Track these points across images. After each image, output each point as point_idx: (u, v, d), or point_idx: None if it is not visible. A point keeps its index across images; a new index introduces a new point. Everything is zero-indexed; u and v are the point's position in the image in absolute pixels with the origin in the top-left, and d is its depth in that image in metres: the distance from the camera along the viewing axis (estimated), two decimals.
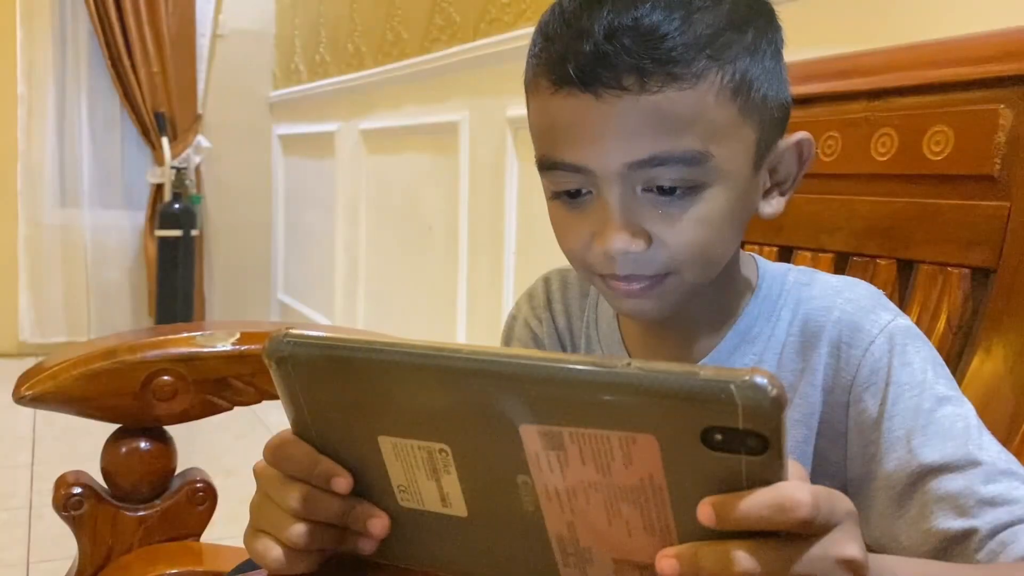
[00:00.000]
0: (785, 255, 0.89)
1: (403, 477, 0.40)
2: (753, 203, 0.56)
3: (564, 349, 0.69)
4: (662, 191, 0.51)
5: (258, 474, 0.43)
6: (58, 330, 3.53)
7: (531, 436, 0.35)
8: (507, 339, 0.72)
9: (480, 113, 2.12)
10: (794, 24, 0.61)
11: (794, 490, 0.33)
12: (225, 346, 0.97)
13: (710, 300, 0.59)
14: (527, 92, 0.56)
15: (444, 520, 0.40)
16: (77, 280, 3.60)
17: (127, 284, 3.70)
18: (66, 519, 0.91)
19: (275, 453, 0.42)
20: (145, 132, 3.57)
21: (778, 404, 0.31)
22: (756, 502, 0.33)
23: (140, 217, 3.64)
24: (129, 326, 3.63)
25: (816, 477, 0.57)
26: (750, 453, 0.32)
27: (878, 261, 0.78)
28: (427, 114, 2.40)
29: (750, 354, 0.59)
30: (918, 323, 0.72)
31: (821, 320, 0.57)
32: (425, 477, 0.39)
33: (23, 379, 0.91)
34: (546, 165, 0.54)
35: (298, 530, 0.41)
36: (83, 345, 0.95)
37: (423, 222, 2.45)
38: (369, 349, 0.37)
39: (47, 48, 3.46)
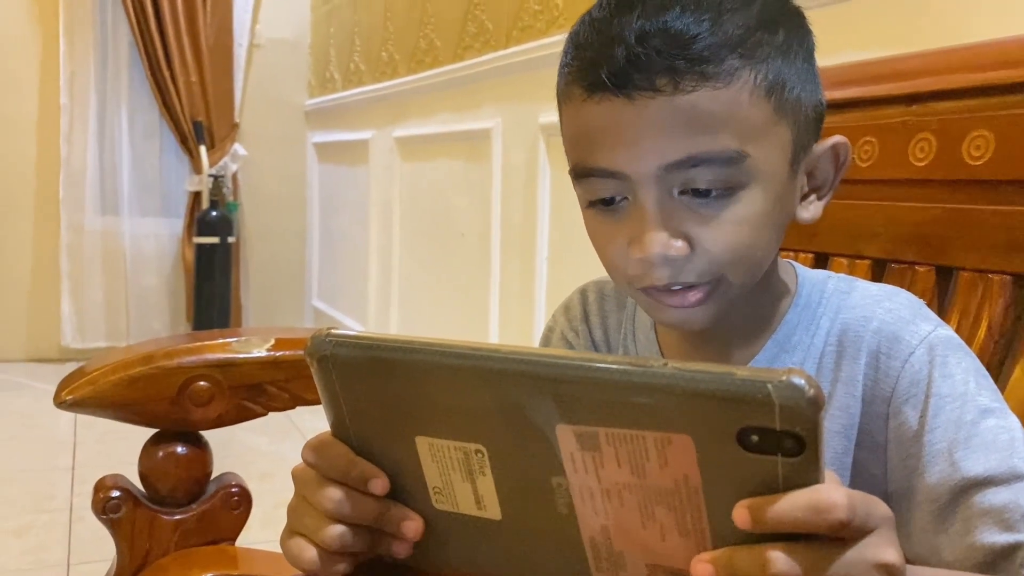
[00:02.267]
0: (821, 262, 0.88)
1: (438, 479, 0.40)
2: (791, 206, 0.56)
3: None
4: (698, 193, 0.51)
5: (296, 476, 0.44)
6: (98, 335, 3.59)
7: (567, 437, 0.35)
8: None
9: (512, 120, 2.12)
10: (829, 28, 0.60)
11: (830, 492, 0.33)
12: (260, 352, 0.98)
13: (749, 308, 0.59)
14: (559, 102, 0.56)
15: (478, 523, 0.40)
16: (117, 286, 3.66)
17: (165, 290, 3.75)
18: (104, 522, 0.93)
19: (313, 454, 0.42)
20: (183, 141, 3.62)
21: (815, 404, 0.31)
22: (792, 504, 0.32)
23: (178, 224, 3.70)
24: (167, 332, 3.68)
25: (855, 489, 0.56)
26: (787, 454, 0.32)
27: (916, 268, 0.77)
28: (460, 121, 2.41)
29: (788, 363, 0.58)
30: (958, 331, 0.71)
31: (860, 330, 0.56)
32: (460, 479, 0.39)
33: (63, 384, 0.92)
34: (580, 173, 0.54)
35: (333, 532, 0.42)
36: (122, 350, 0.97)
37: (456, 229, 2.46)
38: (408, 349, 0.37)
39: (89, 59, 3.53)
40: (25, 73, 3.49)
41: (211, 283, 3.58)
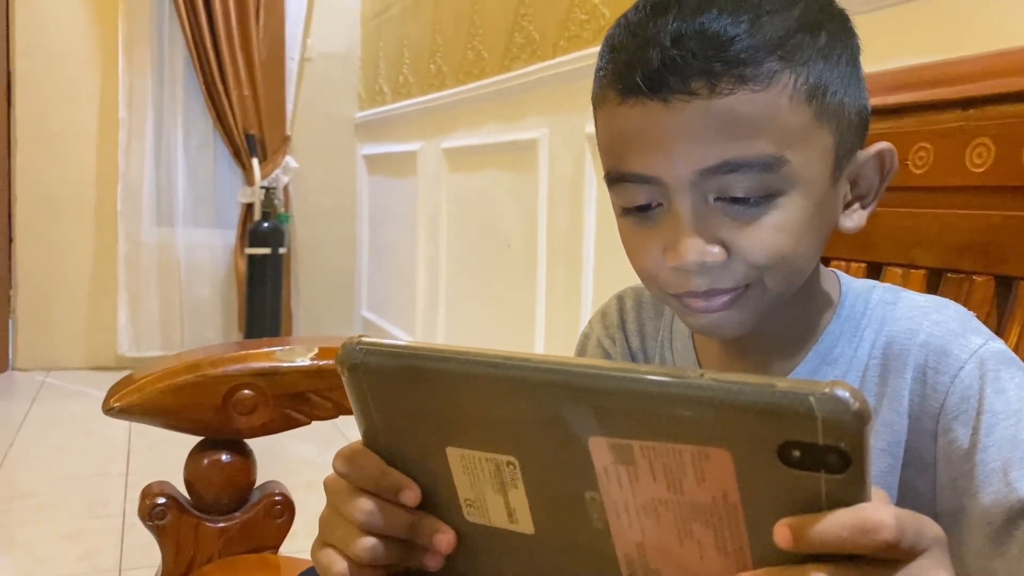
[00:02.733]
0: (874, 272, 0.86)
1: (470, 491, 0.39)
2: (833, 214, 0.54)
3: None
4: (736, 200, 0.49)
5: (327, 486, 0.43)
6: (153, 344, 3.67)
7: (600, 449, 0.34)
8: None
9: (559, 130, 2.12)
10: (882, 32, 0.58)
11: (877, 511, 0.31)
12: (304, 361, 0.99)
13: (789, 318, 0.57)
14: (594, 106, 0.55)
15: (510, 537, 0.39)
16: (171, 296, 3.73)
17: (218, 300, 3.82)
18: (150, 528, 0.94)
19: (344, 463, 0.42)
20: (236, 153, 3.69)
21: (860, 418, 0.29)
22: (836, 523, 0.31)
23: (231, 235, 3.76)
24: (220, 341, 3.74)
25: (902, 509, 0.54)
26: (830, 471, 0.30)
27: (974, 278, 0.74)
28: (507, 132, 2.41)
29: (830, 376, 0.56)
30: (1018, 344, 0.68)
31: (906, 343, 0.54)
32: (492, 491, 0.39)
33: (112, 391, 0.94)
34: (614, 178, 0.53)
35: (364, 544, 0.41)
36: (169, 359, 0.98)
37: (502, 239, 2.46)
38: (439, 358, 0.37)
39: (146, 74, 3.62)
40: (86, 88, 3.59)
41: (262, 293, 3.64)
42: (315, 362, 0.99)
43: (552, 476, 0.36)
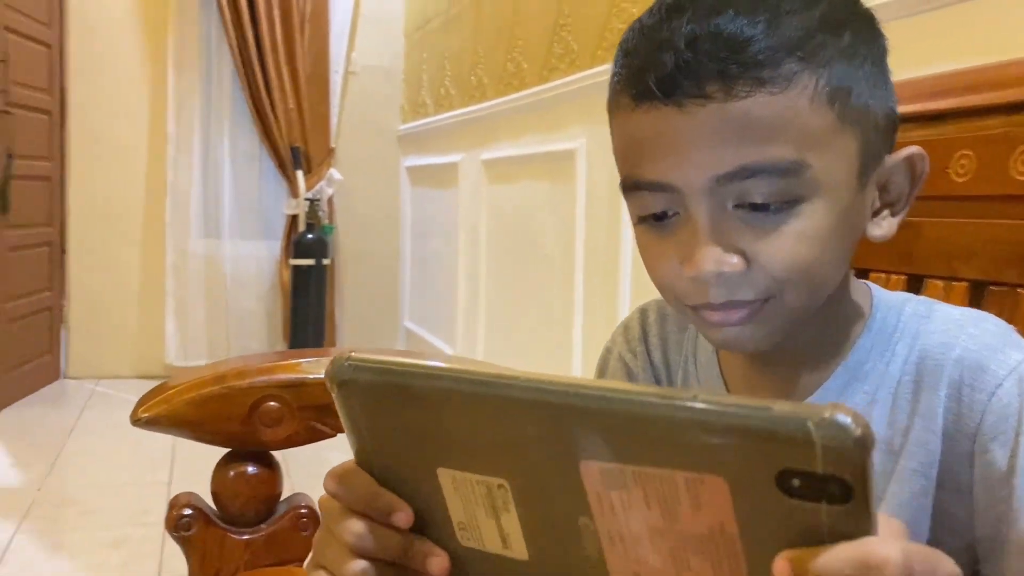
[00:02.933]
0: (914, 285, 0.82)
1: (463, 514, 0.38)
2: (860, 222, 0.52)
3: (658, 385, 0.65)
4: (755, 207, 0.47)
5: (321, 506, 0.42)
6: (200, 354, 3.72)
7: (592, 474, 0.32)
8: (600, 373, 0.68)
9: (597, 140, 2.10)
10: (921, 37, 0.56)
11: (882, 546, 0.29)
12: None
13: (817, 331, 0.54)
14: (609, 113, 0.53)
15: (504, 562, 0.38)
16: (218, 306, 3.79)
17: (263, 310, 3.86)
18: (176, 539, 0.94)
19: (336, 483, 0.40)
20: (282, 166, 3.74)
21: (862, 446, 0.27)
22: (837, 558, 0.29)
23: (276, 246, 3.81)
24: (264, 350, 3.79)
25: (938, 534, 0.51)
26: (832, 501, 0.28)
27: (1019, 291, 0.70)
28: (545, 142, 2.40)
29: (860, 392, 0.54)
30: None
31: (940, 358, 0.51)
32: (485, 515, 0.37)
33: (141, 402, 0.94)
34: (629, 186, 0.51)
35: (355, 567, 0.40)
36: (197, 370, 0.98)
37: (540, 250, 2.44)
38: (427, 375, 0.35)
39: (195, 89, 3.69)
40: (136, 104, 3.68)
41: (307, 304, 3.67)
42: None
43: (544, 501, 0.35)
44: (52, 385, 3.54)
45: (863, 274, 0.87)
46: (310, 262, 3.66)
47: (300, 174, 3.69)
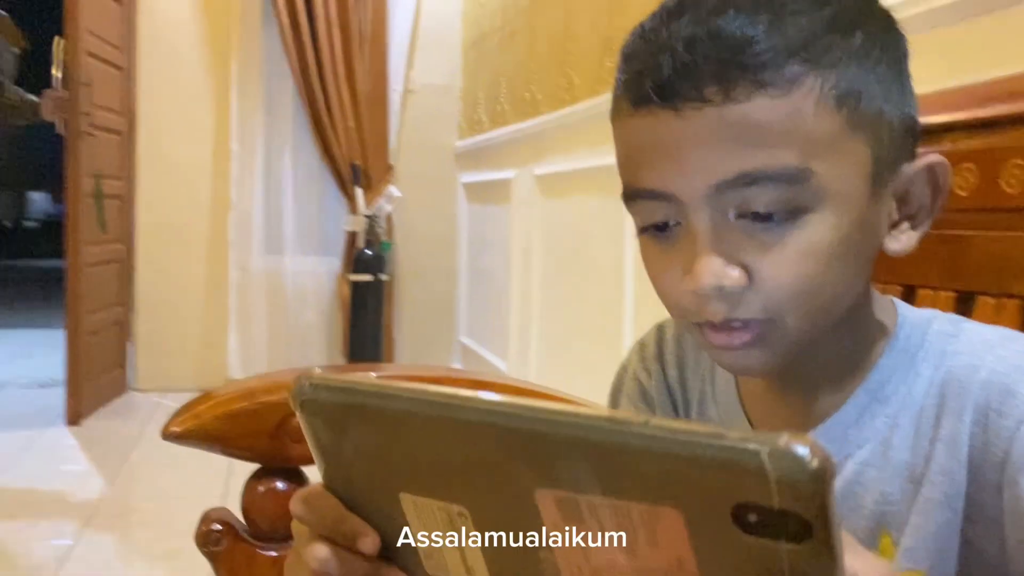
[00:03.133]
0: (964, 302, 0.78)
1: (427, 541, 0.36)
2: (875, 235, 0.49)
3: (675, 406, 0.62)
4: (758, 216, 0.45)
5: (293, 529, 0.41)
6: (261, 368, 3.79)
7: (548, 503, 0.31)
8: (615, 393, 0.66)
9: None
10: (971, 44, 0.53)
11: None
12: None
13: (835, 350, 0.52)
14: (612, 121, 0.51)
15: None
16: (279, 321, 3.86)
17: (323, 325, 3.92)
18: (206, 554, 0.95)
19: (302, 506, 0.39)
20: (342, 183, 3.79)
21: (820, 480, 0.25)
22: None
23: (336, 262, 3.86)
24: (324, 364, 3.84)
25: (969, 569, 0.47)
26: (791, 540, 0.26)
27: None
28: (596, 156, 2.38)
29: (882, 416, 0.50)
30: None
31: (965, 380, 0.48)
32: (448, 543, 0.35)
33: (174, 416, 0.95)
34: (629, 195, 0.49)
35: None
36: (229, 384, 0.99)
37: (591, 265, 2.42)
38: (384, 395, 0.34)
39: (257, 109, 3.78)
40: (201, 124, 3.78)
41: (364, 319, 3.71)
42: None
43: (504, 531, 0.33)
44: (121, 397, 3.65)
45: (909, 291, 0.83)
46: (368, 278, 3.70)
47: (359, 191, 3.74)
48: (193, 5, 3.75)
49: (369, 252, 3.72)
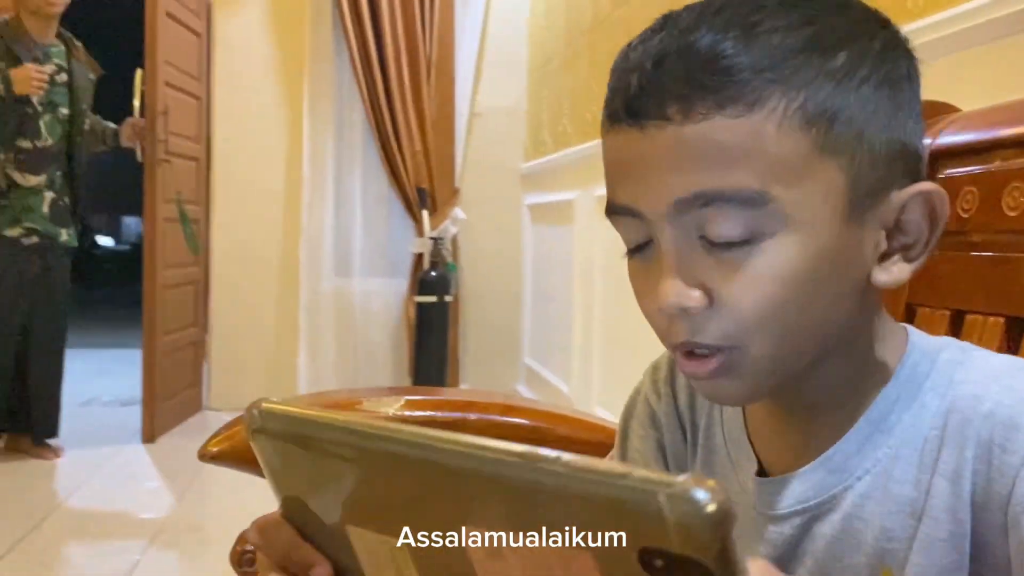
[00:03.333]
0: (1015, 329, 0.74)
1: (375, 574, 0.36)
2: (854, 266, 0.46)
3: (683, 430, 0.61)
4: (719, 238, 0.44)
5: (256, 556, 0.41)
6: (329, 387, 3.85)
7: (474, 541, 0.30)
8: (627, 416, 0.65)
9: None
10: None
11: None
12: (390, 411, 0.98)
13: (833, 379, 0.50)
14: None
15: None
16: (347, 342, 3.92)
17: (390, 346, 3.97)
18: (240, 575, 0.96)
19: (258, 535, 0.40)
20: (408, 206, 3.85)
21: (717, 524, 0.24)
22: None
23: (403, 284, 3.91)
24: (391, 384, 3.88)
25: None
26: None
27: None
28: None
29: (884, 446, 0.48)
30: None
31: (968, 412, 0.45)
32: None
33: (212, 437, 0.98)
34: (608, 210, 0.49)
35: None
36: None
37: None
38: (322, 425, 0.34)
39: (328, 136, 3.87)
40: (274, 150, 3.89)
41: (430, 340, 3.74)
42: (401, 412, 0.98)
43: (439, 567, 0.32)
44: (196, 416, 3.75)
45: (958, 316, 0.80)
46: (433, 299, 3.73)
47: (426, 214, 3.79)
48: (267, 37, 3.87)
49: (434, 274, 3.76)
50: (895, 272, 0.47)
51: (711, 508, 0.23)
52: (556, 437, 1.03)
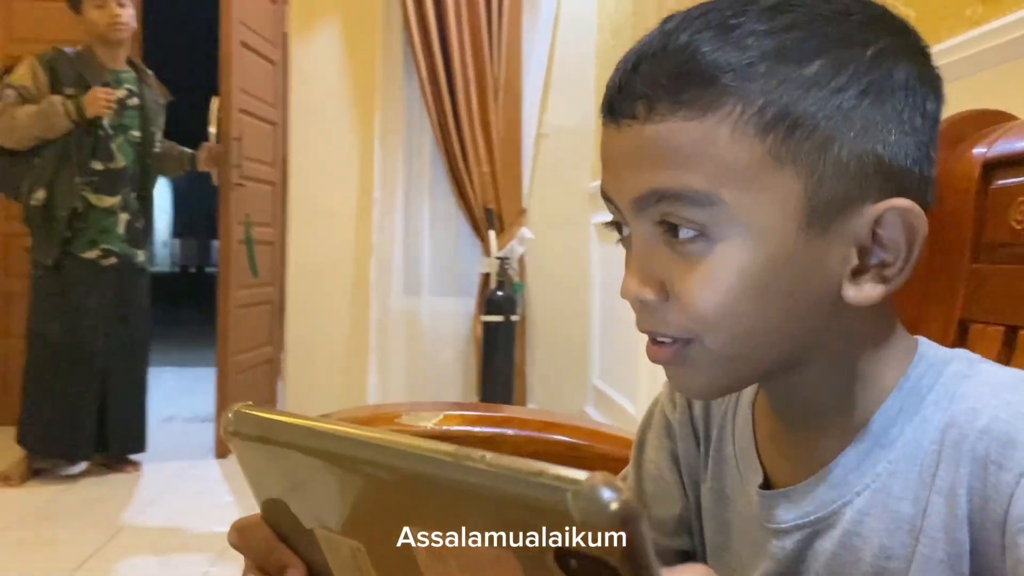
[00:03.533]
0: None
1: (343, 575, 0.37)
2: (815, 279, 0.45)
3: (696, 441, 0.60)
4: (672, 236, 0.46)
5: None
6: None
7: (418, 541, 0.30)
8: (644, 427, 0.65)
9: None
10: None
11: None
12: (428, 425, 1.00)
13: (827, 391, 0.49)
14: None
15: None
16: (416, 361, 3.98)
17: (459, 364, 4.00)
18: None
19: (237, 536, 0.41)
20: (476, 226, 3.89)
21: (621, 522, 0.24)
22: None
23: (470, 303, 3.95)
24: (458, 402, 3.91)
25: None
26: None
27: None
28: None
29: (883, 462, 0.47)
30: None
31: (965, 428, 0.44)
32: None
33: None
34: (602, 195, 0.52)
35: None
36: (332, 413, 1.03)
37: None
38: (285, 428, 0.35)
39: (398, 158, 3.95)
40: (347, 173, 3.99)
41: (497, 359, 3.76)
42: (439, 427, 0.99)
43: (394, 568, 0.33)
44: None
45: (1011, 331, 0.76)
46: (499, 318, 3.75)
47: (492, 234, 3.82)
48: (340, 65, 3.98)
49: (500, 293, 3.78)
50: (866, 290, 0.46)
51: (614, 506, 0.23)
52: (596, 454, 1.03)
